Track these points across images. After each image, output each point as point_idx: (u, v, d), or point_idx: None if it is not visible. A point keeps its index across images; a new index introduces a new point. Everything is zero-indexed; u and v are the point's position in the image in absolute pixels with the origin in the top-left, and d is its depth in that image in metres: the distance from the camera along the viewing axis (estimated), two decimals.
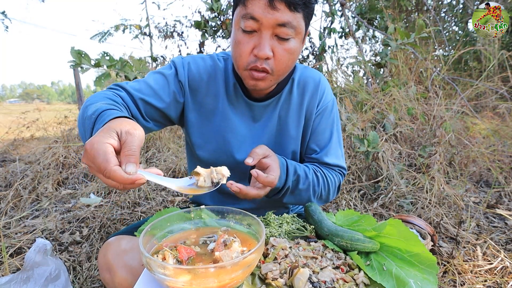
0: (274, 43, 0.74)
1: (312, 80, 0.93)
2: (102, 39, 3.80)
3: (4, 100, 51.20)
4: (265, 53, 0.73)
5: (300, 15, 0.73)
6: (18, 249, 1.50)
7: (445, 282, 1.21)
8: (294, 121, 0.93)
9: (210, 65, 0.91)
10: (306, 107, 0.93)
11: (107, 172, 0.50)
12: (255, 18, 0.71)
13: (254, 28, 0.73)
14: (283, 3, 0.70)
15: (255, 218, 0.64)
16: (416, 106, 2.44)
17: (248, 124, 0.92)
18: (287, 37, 0.74)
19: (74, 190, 2.30)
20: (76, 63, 1.82)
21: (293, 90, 0.92)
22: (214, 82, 0.90)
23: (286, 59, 0.77)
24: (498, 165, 2.22)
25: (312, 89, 0.93)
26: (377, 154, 2.03)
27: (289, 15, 0.71)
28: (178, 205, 2.02)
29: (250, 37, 0.74)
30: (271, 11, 0.70)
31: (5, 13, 4.96)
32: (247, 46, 0.75)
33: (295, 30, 0.74)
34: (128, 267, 0.70)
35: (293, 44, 0.76)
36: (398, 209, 1.82)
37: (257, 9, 0.71)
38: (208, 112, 0.91)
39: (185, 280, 0.49)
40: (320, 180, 0.90)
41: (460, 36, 4.39)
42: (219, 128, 0.90)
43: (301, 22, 0.75)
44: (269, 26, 0.72)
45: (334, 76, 3.23)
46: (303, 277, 0.54)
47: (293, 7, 0.71)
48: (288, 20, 0.71)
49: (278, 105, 0.91)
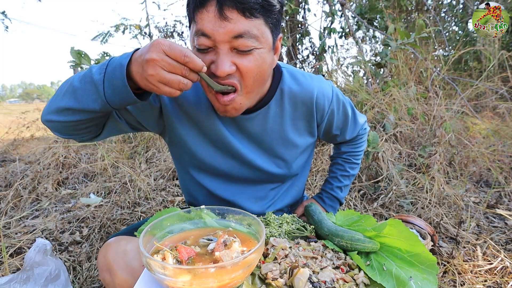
0: (235, 58, 0.65)
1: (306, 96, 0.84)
2: (103, 40, 3.80)
3: (4, 100, 51.17)
4: (223, 71, 0.63)
5: (261, 21, 0.64)
6: (18, 249, 1.50)
7: (445, 282, 1.21)
8: (295, 132, 0.88)
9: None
10: (307, 121, 0.88)
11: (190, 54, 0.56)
12: (206, 34, 0.62)
13: (209, 45, 0.64)
14: (235, 10, 0.60)
15: (255, 218, 0.64)
16: (416, 106, 2.44)
17: (239, 138, 0.85)
18: (248, 48, 0.64)
19: (74, 190, 2.31)
20: (76, 63, 1.82)
21: (284, 103, 0.83)
22: (197, 90, 0.82)
23: (254, 72, 0.66)
24: (498, 165, 2.21)
25: (308, 105, 0.85)
26: (377, 154, 2.03)
27: (245, 23, 0.62)
28: (178, 205, 2.01)
29: (206, 55, 0.65)
30: (222, 24, 0.61)
31: (5, 13, 4.96)
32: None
33: (257, 39, 0.64)
34: (128, 268, 0.69)
35: (258, 56, 0.66)
36: (398, 209, 1.82)
37: (207, 24, 0.61)
38: (193, 125, 0.84)
39: (185, 280, 0.49)
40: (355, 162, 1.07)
41: (460, 36, 4.39)
42: (206, 141, 0.85)
43: (264, 29, 0.65)
44: (224, 40, 0.62)
45: (334, 76, 3.23)
46: (303, 277, 0.54)
47: (249, 13, 0.61)
48: (244, 30, 0.62)
49: (268, 118, 0.83)
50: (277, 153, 0.88)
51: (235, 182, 0.92)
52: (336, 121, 0.94)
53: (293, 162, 0.92)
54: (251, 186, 0.93)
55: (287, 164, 0.91)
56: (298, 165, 0.95)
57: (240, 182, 0.92)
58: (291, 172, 0.93)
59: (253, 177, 0.91)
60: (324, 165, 2.25)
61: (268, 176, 0.92)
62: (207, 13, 0.62)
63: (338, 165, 1.10)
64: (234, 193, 0.92)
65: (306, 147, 0.94)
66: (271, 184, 0.95)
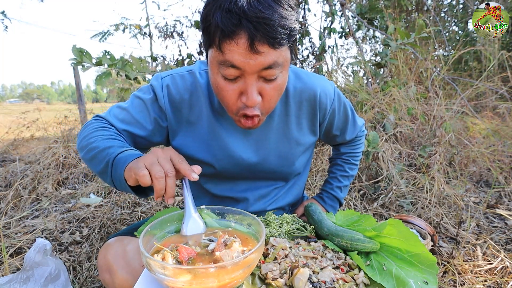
0: (261, 85, 0.68)
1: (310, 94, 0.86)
2: (102, 39, 3.80)
3: (4, 100, 51.15)
4: (253, 102, 0.67)
5: (285, 48, 0.66)
6: (18, 249, 1.50)
7: (445, 282, 1.21)
8: (299, 131, 0.89)
9: (190, 83, 0.83)
10: (310, 120, 0.90)
11: (181, 161, 0.62)
12: (236, 67, 0.64)
13: (237, 75, 0.66)
14: (266, 45, 0.61)
15: (255, 218, 0.64)
16: (416, 106, 2.44)
17: (240, 138, 0.86)
18: (275, 77, 0.67)
19: (74, 190, 2.31)
20: (78, 61, 1.82)
21: (289, 102, 0.85)
22: (196, 99, 0.83)
23: (275, 96, 0.71)
24: (498, 165, 2.22)
25: (311, 103, 0.87)
26: (377, 154, 2.03)
27: (274, 54, 0.63)
28: (178, 205, 2.01)
29: (234, 83, 0.68)
30: (253, 57, 0.62)
31: (4, 13, 4.96)
32: (232, 94, 0.68)
33: (282, 66, 0.67)
34: (128, 268, 0.70)
35: (280, 80, 0.69)
36: (398, 209, 1.82)
37: (238, 57, 0.62)
38: (194, 131, 0.85)
39: (185, 280, 0.49)
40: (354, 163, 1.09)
41: (460, 36, 4.40)
42: (209, 147, 0.86)
43: (287, 54, 0.68)
44: (253, 72, 0.65)
45: (334, 76, 3.23)
46: (303, 277, 0.54)
47: (278, 45, 0.62)
48: (273, 61, 0.64)
49: (274, 118, 0.85)
50: (281, 152, 0.89)
51: (239, 182, 0.93)
52: (337, 121, 0.95)
53: (296, 161, 0.92)
54: (254, 184, 0.93)
55: (290, 163, 0.91)
56: (301, 164, 0.95)
57: (243, 181, 0.93)
58: (294, 170, 0.94)
59: (256, 176, 0.92)
60: (324, 165, 2.25)
61: (272, 175, 0.92)
62: (237, 45, 0.61)
63: (338, 165, 1.11)
64: (237, 191, 0.93)
65: (309, 146, 0.94)
66: (274, 182, 0.96)
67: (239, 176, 0.91)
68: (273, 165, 0.90)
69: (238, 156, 0.86)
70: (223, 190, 0.93)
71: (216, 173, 0.89)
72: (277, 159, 0.89)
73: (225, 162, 0.87)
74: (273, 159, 0.89)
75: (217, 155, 0.86)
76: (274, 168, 0.90)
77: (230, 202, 0.94)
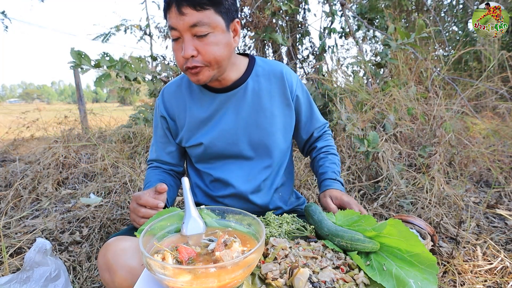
0: (196, 42, 0.83)
1: (276, 71, 1.02)
2: (104, 40, 3.81)
3: (4, 100, 51.15)
4: (187, 54, 0.83)
5: (211, 11, 0.81)
6: (18, 249, 1.50)
7: (445, 282, 1.21)
8: (273, 103, 1.00)
9: (176, 83, 1.04)
10: (282, 94, 1.01)
11: (143, 197, 0.79)
12: (173, 28, 0.82)
13: (177, 36, 0.84)
14: (188, 7, 0.79)
15: (255, 218, 0.64)
16: (416, 106, 2.44)
17: (220, 114, 0.99)
18: (204, 33, 0.82)
19: (74, 190, 2.31)
20: (76, 64, 1.82)
21: (259, 79, 1.00)
22: (180, 95, 1.02)
23: (211, 51, 0.84)
24: (498, 165, 2.22)
25: (279, 78, 1.01)
26: (377, 154, 2.03)
27: (197, 15, 0.80)
28: (178, 205, 2.01)
29: (178, 43, 0.85)
30: (181, 17, 0.80)
31: (5, 13, 4.96)
32: (178, 51, 0.86)
33: (210, 25, 0.82)
34: (128, 267, 0.70)
35: (213, 38, 0.84)
36: (398, 209, 1.82)
37: (173, 20, 0.82)
38: (181, 125, 1.03)
39: (185, 280, 0.49)
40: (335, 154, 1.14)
41: (460, 36, 4.40)
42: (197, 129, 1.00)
43: (214, 17, 0.82)
44: (185, 29, 0.82)
45: (334, 76, 3.22)
46: (303, 277, 0.54)
47: (199, 7, 0.80)
48: (197, 20, 0.80)
49: (248, 92, 0.98)
50: (259, 122, 0.98)
51: (227, 161, 1.02)
52: (304, 106, 1.07)
53: (276, 133, 1.00)
54: (242, 164, 1.01)
55: (269, 133, 0.99)
56: (280, 139, 1.02)
57: (231, 160, 1.02)
58: (275, 143, 1.01)
59: (242, 153, 1.00)
60: None
61: (256, 149, 1.00)
62: (171, 12, 0.82)
63: (322, 159, 1.11)
64: (227, 171, 1.01)
65: (285, 120, 1.03)
66: (261, 160, 1.01)
67: (226, 153, 1.00)
68: (253, 134, 0.99)
69: (220, 127, 0.98)
70: (213, 170, 1.03)
71: (205, 151, 1.00)
72: (255, 129, 0.98)
73: (210, 136, 0.98)
74: (252, 129, 0.98)
75: (202, 132, 0.99)
76: (255, 139, 0.99)
77: (223, 185, 1.02)
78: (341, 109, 2.38)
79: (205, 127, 1.00)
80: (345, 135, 2.21)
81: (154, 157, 1.09)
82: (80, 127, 3.54)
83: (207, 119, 0.99)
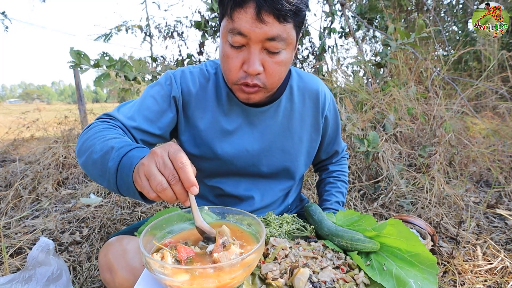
0: (264, 57, 0.71)
1: (312, 90, 0.92)
2: (106, 40, 3.81)
3: (4, 100, 51.16)
4: (255, 69, 0.70)
5: (291, 25, 0.69)
6: (18, 249, 1.50)
7: (445, 282, 1.21)
8: (303, 127, 0.92)
9: (199, 78, 0.87)
10: (314, 117, 0.93)
11: (181, 165, 0.52)
12: (242, 34, 0.68)
13: (243, 43, 0.70)
14: (272, 16, 0.66)
15: (255, 218, 0.64)
16: (416, 106, 2.44)
17: (245, 131, 0.88)
18: (277, 50, 0.71)
19: (74, 190, 2.31)
20: (76, 63, 1.82)
21: (293, 98, 0.90)
22: (204, 95, 0.86)
23: (277, 72, 0.74)
24: (498, 165, 2.22)
25: (314, 99, 0.92)
26: (377, 154, 2.03)
27: (278, 27, 0.67)
28: (178, 205, 2.01)
29: (239, 52, 0.71)
30: (259, 25, 0.66)
31: (5, 13, 4.96)
32: (236, 61, 0.72)
33: (286, 41, 0.70)
34: (129, 267, 0.70)
35: (283, 56, 0.73)
36: (398, 209, 1.82)
37: (244, 24, 0.67)
38: (196, 126, 0.86)
39: (184, 280, 0.49)
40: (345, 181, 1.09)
41: (460, 36, 4.40)
42: (213, 140, 0.86)
43: (292, 32, 0.71)
44: (258, 41, 0.68)
45: (334, 76, 3.23)
46: (303, 277, 0.54)
47: (283, 19, 0.67)
48: (277, 34, 0.68)
49: (279, 112, 0.88)
50: (285, 146, 0.91)
51: (242, 179, 0.93)
52: (330, 129, 1.00)
53: (299, 158, 0.93)
54: (258, 182, 0.93)
55: (293, 158, 0.92)
56: (302, 163, 0.96)
57: (247, 178, 0.93)
58: (297, 167, 0.94)
59: (261, 173, 0.92)
60: None
61: (275, 170, 0.93)
62: (245, 14, 0.66)
63: (330, 184, 1.08)
64: (239, 188, 0.92)
65: (311, 145, 0.96)
66: (278, 182, 0.95)
67: (243, 171, 0.90)
68: (276, 158, 0.90)
69: (242, 146, 0.87)
70: (223, 184, 0.92)
71: (220, 167, 0.89)
72: (280, 153, 0.90)
73: (229, 153, 0.87)
74: (276, 152, 0.90)
75: (222, 146, 0.86)
76: (277, 163, 0.91)
77: (234, 200, 0.93)
78: (341, 109, 2.38)
79: (226, 140, 0.87)
80: (345, 135, 2.21)
81: (131, 124, 0.78)
82: (80, 127, 3.53)
83: (230, 133, 0.87)
